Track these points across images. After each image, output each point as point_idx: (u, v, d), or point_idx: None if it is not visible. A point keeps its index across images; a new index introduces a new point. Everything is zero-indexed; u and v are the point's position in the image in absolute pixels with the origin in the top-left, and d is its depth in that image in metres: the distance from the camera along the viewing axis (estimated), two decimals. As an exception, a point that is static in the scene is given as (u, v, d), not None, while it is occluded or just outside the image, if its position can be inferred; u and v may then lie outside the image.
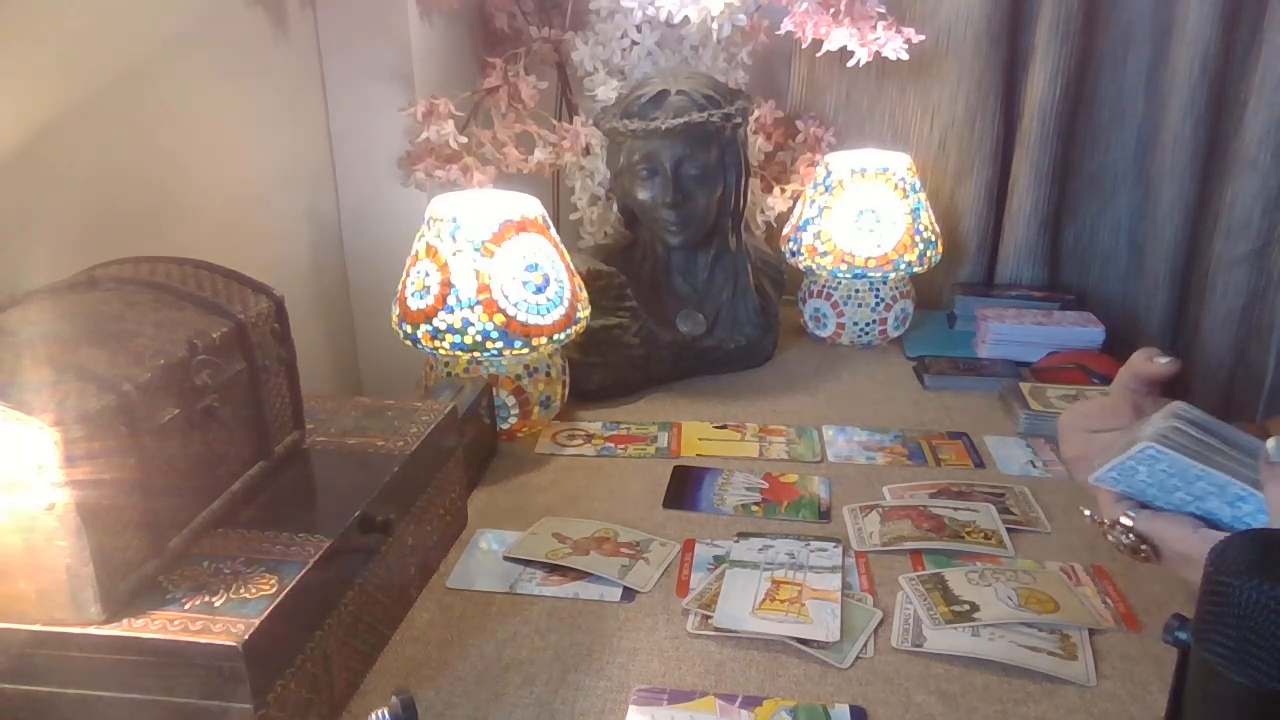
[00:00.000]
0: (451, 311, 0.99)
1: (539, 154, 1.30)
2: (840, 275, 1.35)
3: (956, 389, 1.26)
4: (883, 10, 1.31)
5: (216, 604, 0.60)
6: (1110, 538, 0.67)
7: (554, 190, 1.49)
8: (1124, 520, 0.67)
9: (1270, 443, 0.58)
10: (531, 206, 1.05)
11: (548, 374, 1.09)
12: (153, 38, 0.93)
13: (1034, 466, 1.05)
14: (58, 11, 0.81)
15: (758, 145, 1.46)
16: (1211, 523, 0.64)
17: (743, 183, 1.24)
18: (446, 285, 1.00)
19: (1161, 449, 0.61)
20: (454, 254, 1.00)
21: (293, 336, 0.77)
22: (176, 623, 0.58)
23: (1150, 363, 0.70)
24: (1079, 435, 0.73)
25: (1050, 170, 1.43)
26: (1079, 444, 0.73)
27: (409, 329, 1.03)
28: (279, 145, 1.17)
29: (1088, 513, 0.72)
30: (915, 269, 1.35)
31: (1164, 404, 0.66)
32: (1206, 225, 1.36)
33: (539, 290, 1.02)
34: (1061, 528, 0.93)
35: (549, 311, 1.02)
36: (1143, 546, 0.66)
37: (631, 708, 0.70)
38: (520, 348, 1.01)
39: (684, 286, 1.30)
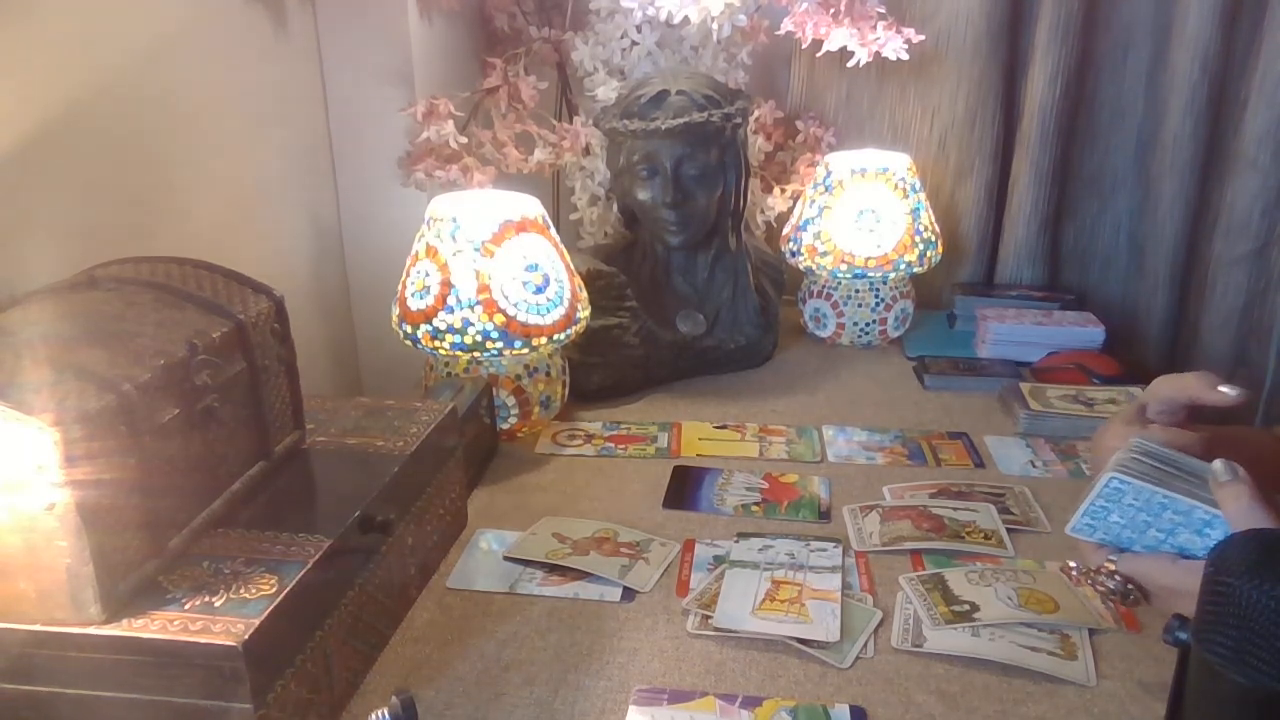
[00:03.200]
0: (451, 311, 0.99)
1: (539, 154, 1.29)
2: (840, 275, 1.35)
3: (956, 389, 1.26)
4: (883, 10, 1.31)
5: (216, 604, 0.60)
6: (1098, 588, 0.68)
7: (554, 190, 1.49)
8: (1108, 565, 0.67)
9: (1216, 464, 0.62)
10: (531, 206, 1.05)
11: (548, 374, 1.09)
12: (152, 37, 0.93)
13: (1034, 466, 1.05)
14: (57, 11, 0.81)
15: (758, 145, 1.46)
16: (1188, 556, 0.65)
17: (743, 183, 1.24)
18: (446, 285, 1.00)
19: (1125, 478, 0.63)
20: (454, 254, 1.00)
21: (293, 336, 0.77)
22: (176, 623, 0.58)
23: (1214, 392, 0.66)
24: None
25: (1050, 170, 1.43)
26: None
27: (409, 329, 1.03)
28: (279, 145, 1.17)
29: (1073, 565, 0.72)
30: (915, 269, 1.35)
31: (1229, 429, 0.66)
32: (1206, 225, 1.36)
33: (539, 290, 1.02)
34: (1061, 528, 0.93)
35: (549, 311, 1.02)
36: (1129, 587, 0.67)
37: (631, 708, 0.70)
38: (520, 348, 1.01)
39: (684, 286, 1.30)
